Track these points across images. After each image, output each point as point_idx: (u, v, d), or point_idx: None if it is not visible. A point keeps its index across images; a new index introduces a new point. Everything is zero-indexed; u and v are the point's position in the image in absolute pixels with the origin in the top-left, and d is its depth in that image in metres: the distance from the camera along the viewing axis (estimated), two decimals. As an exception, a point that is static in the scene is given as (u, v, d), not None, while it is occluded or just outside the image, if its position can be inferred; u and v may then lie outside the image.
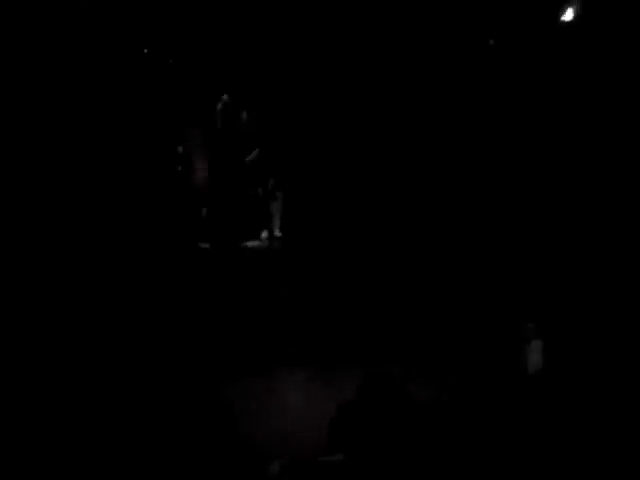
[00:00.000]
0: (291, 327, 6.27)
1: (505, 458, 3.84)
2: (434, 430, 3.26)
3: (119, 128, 7.68)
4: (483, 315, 6.20)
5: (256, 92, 8.47)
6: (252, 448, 3.87)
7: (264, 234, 8.23)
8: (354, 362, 5.31)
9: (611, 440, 4.10)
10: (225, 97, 8.18)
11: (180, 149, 8.14)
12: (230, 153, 8.32)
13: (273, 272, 7.33)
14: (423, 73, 8.47)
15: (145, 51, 8.18)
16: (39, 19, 7.13)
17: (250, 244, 8.01)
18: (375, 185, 8.21)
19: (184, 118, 8.22)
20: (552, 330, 5.77)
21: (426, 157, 8.18)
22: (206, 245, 7.80)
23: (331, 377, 5.27)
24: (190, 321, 6.08)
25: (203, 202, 8.14)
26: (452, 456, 3.33)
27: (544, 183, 7.50)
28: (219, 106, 8.18)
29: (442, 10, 8.50)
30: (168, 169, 8.09)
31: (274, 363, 5.49)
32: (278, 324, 6.33)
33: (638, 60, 7.51)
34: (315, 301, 6.72)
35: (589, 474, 3.82)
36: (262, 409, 4.70)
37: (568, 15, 8.59)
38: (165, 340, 5.65)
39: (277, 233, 8.29)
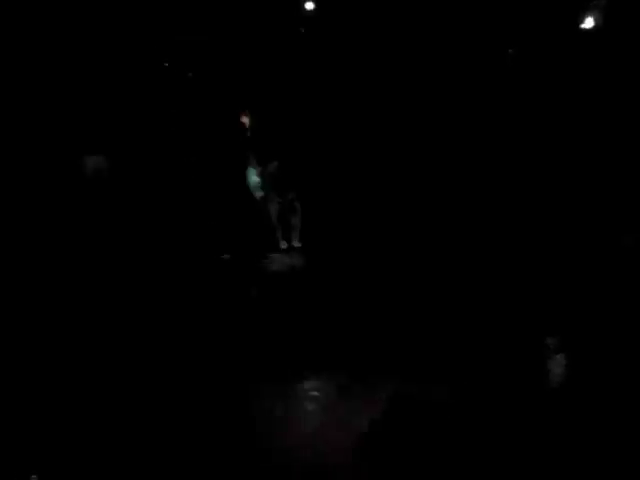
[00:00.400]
0: (309, 335, 6.25)
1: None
2: (464, 455, 3.23)
3: (137, 136, 7.76)
4: (505, 328, 6.14)
5: (274, 105, 8.53)
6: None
7: (283, 245, 8.27)
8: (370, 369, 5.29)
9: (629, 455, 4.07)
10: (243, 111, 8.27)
11: (194, 159, 8.22)
12: (248, 165, 8.40)
13: (293, 282, 7.34)
14: (444, 83, 8.48)
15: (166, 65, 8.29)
16: (58, 35, 7.26)
17: (271, 255, 8.06)
18: (399, 192, 8.22)
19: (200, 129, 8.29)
20: (575, 345, 5.74)
21: (447, 163, 8.17)
22: (227, 256, 7.85)
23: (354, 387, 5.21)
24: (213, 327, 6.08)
25: (223, 213, 8.20)
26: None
27: (566, 190, 7.46)
28: (237, 119, 8.26)
29: (462, 18, 8.51)
30: (186, 180, 8.16)
31: (294, 372, 5.45)
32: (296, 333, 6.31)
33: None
34: (333, 310, 6.72)
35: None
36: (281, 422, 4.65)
37: (588, 23, 8.57)
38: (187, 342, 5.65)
39: (297, 244, 8.33)
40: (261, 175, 8.22)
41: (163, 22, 8.17)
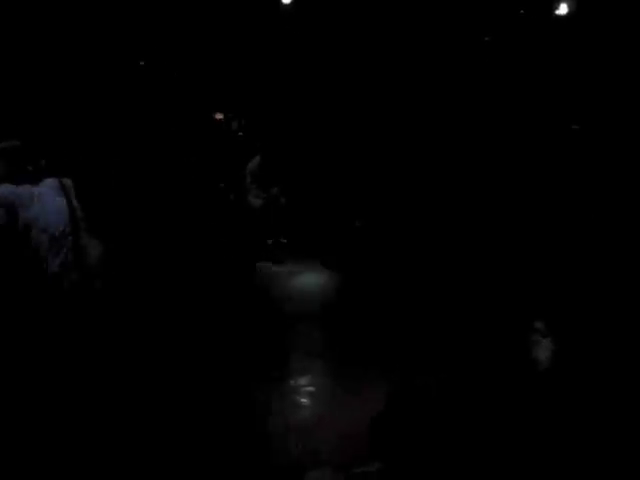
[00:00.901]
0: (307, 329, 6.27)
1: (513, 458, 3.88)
2: (468, 439, 3.27)
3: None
4: (493, 314, 6.21)
5: (257, 99, 8.51)
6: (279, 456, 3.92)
7: (270, 242, 8.25)
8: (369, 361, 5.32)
9: (616, 438, 4.13)
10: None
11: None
12: (232, 161, 8.36)
13: (280, 279, 7.36)
14: (422, 72, 8.50)
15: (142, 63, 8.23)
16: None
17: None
18: (387, 185, 8.24)
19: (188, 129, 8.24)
20: (562, 329, 5.82)
21: (432, 156, 8.20)
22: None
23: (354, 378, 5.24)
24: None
25: (207, 212, 8.16)
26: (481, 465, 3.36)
27: (551, 180, 7.54)
28: (221, 115, 8.23)
29: (437, 7, 8.54)
30: (175, 179, 8.10)
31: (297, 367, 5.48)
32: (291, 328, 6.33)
33: (631, 55, 7.56)
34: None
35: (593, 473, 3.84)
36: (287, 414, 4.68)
37: (562, 10, 8.66)
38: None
39: (282, 240, 8.32)
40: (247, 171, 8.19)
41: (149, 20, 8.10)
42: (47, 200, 4.23)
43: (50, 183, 4.34)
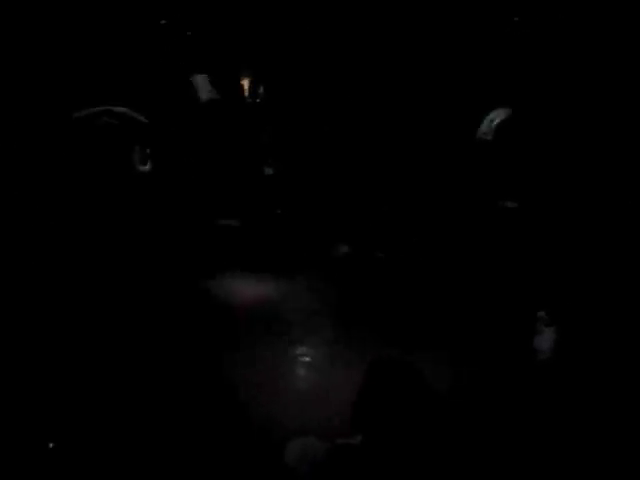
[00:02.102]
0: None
1: (512, 444, 3.86)
2: (448, 416, 3.26)
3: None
4: (496, 302, 6.17)
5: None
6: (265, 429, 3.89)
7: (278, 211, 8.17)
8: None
9: (616, 431, 4.11)
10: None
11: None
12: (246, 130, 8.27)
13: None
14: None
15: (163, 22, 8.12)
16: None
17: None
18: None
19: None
20: (565, 318, 5.76)
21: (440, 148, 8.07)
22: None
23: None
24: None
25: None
26: (464, 442, 3.34)
27: (552, 174, 7.42)
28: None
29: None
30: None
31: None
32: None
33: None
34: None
35: (593, 466, 3.82)
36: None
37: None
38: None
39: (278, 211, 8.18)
40: None
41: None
42: None
43: None
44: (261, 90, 8.33)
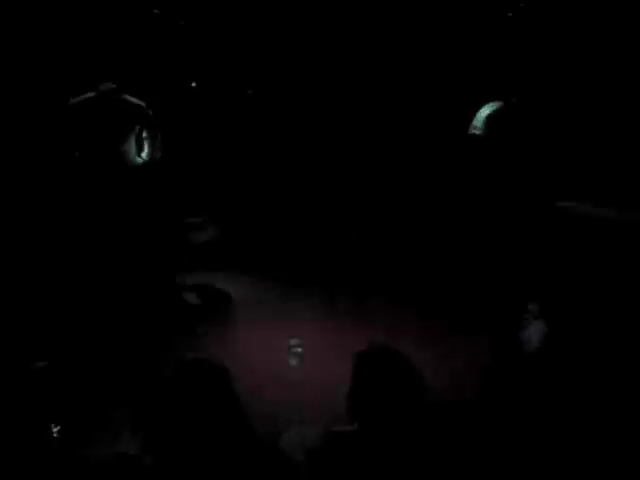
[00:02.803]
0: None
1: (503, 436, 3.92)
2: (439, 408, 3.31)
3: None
4: (485, 295, 6.23)
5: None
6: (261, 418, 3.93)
7: None
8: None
9: (606, 426, 4.16)
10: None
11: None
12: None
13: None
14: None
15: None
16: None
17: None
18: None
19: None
20: (555, 311, 5.82)
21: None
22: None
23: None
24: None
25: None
26: (457, 431, 3.40)
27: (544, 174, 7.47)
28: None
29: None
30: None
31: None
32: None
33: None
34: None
35: (583, 459, 3.86)
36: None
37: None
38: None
39: None
40: None
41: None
42: None
43: None
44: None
